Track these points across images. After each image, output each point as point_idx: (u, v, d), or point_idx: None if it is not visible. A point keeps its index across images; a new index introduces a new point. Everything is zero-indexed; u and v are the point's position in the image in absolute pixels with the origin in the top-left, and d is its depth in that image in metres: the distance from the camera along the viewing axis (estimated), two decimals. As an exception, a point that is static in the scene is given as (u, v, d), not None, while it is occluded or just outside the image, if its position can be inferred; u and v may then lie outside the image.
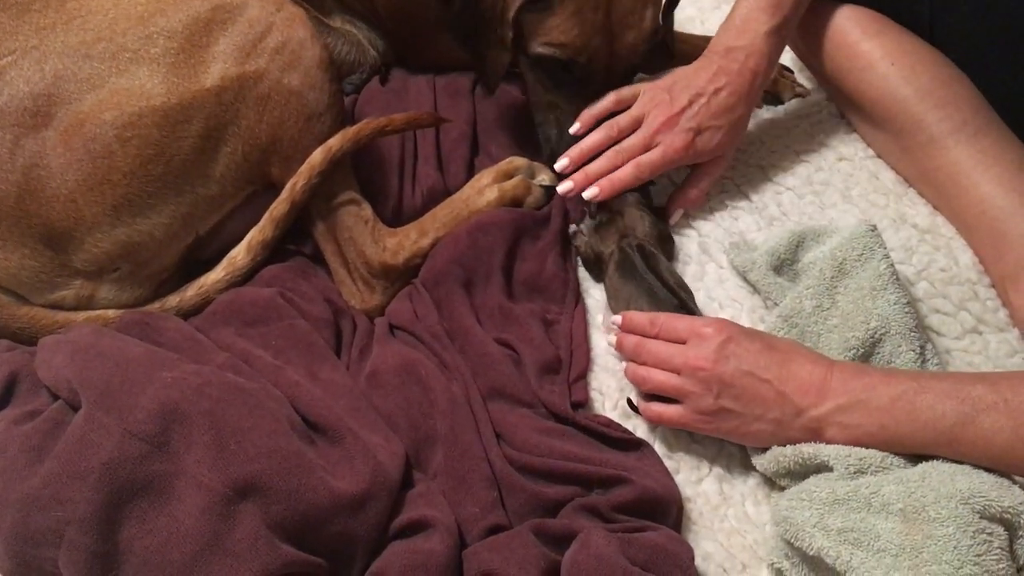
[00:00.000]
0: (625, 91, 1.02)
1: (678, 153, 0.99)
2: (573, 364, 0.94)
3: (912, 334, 0.87)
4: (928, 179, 1.04)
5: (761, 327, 0.95)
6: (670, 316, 0.90)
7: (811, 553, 0.77)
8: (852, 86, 1.08)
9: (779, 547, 0.82)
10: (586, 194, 1.00)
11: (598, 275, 1.02)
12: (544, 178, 1.06)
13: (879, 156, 1.11)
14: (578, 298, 1.00)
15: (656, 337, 0.89)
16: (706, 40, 1.17)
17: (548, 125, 1.06)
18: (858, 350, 0.87)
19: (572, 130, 1.02)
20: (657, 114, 1.00)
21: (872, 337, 0.87)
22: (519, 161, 1.06)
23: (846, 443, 0.80)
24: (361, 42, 1.15)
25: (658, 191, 1.07)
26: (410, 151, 1.08)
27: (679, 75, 1.01)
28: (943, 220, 1.04)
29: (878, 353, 0.87)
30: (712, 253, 1.04)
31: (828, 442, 0.81)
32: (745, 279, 1.01)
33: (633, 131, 1.01)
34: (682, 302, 0.93)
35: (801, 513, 0.78)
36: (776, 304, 0.95)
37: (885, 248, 0.91)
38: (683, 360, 0.85)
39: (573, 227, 1.05)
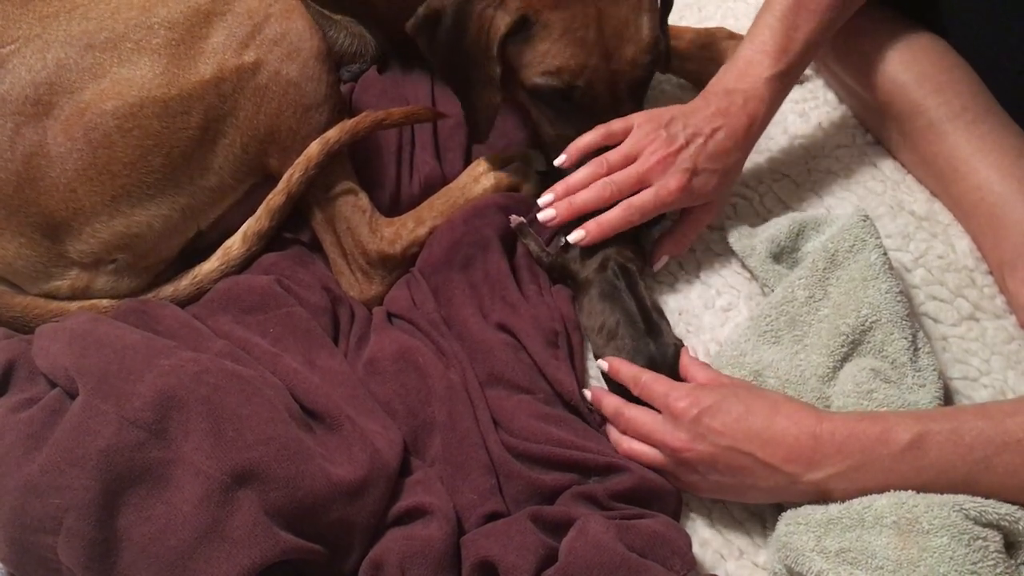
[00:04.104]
0: (616, 124, 0.95)
1: (672, 195, 0.93)
2: (572, 343, 0.94)
3: (904, 322, 0.87)
4: (926, 165, 1.04)
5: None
6: (653, 378, 0.86)
7: None
8: (851, 71, 1.08)
9: (781, 565, 0.81)
10: (571, 237, 0.94)
11: (562, 282, 0.99)
12: (541, 165, 1.06)
13: (878, 142, 1.10)
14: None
15: (639, 395, 0.86)
16: (698, 32, 1.17)
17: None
18: (848, 337, 0.87)
19: (557, 162, 0.96)
20: (653, 151, 0.93)
21: (863, 325, 0.87)
22: (515, 148, 1.06)
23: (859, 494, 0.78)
24: (363, 33, 1.15)
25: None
26: (407, 139, 1.08)
27: (676, 112, 0.95)
28: (940, 207, 1.03)
29: (868, 341, 0.87)
30: (710, 240, 1.04)
31: (836, 500, 0.79)
32: (744, 265, 1.01)
33: (624, 168, 0.94)
34: (652, 327, 0.91)
35: (799, 538, 0.78)
36: (773, 291, 0.95)
37: (878, 237, 0.91)
38: (661, 439, 0.83)
39: (515, 218, 1.00)
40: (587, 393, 0.90)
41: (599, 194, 0.94)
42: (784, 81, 0.96)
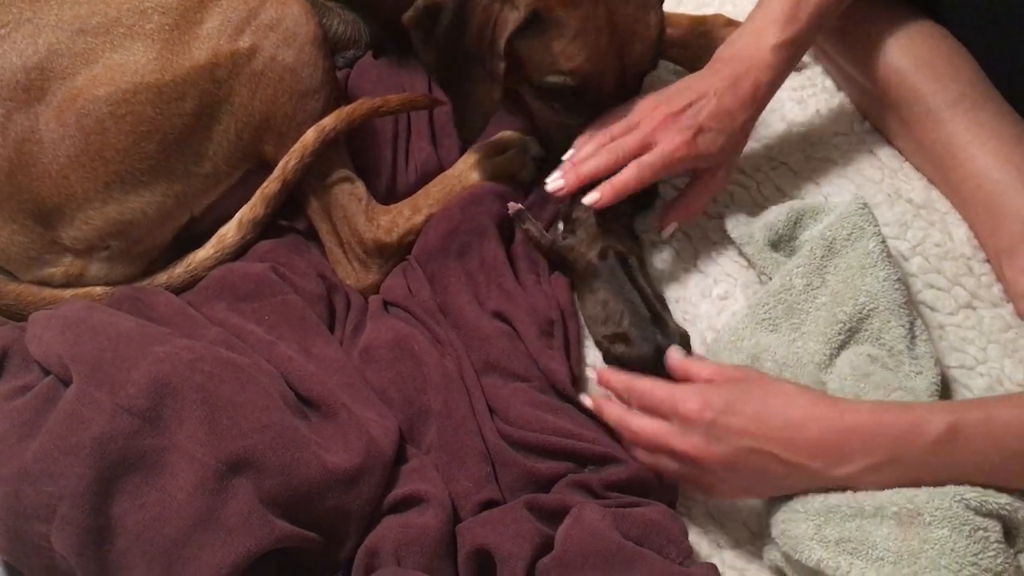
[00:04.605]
0: (618, 109, 0.96)
1: (679, 151, 0.91)
2: (568, 332, 0.94)
3: (901, 310, 0.87)
4: (924, 152, 1.03)
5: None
6: (650, 386, 0.82)
7: (811, 565, 0.76)
8: (850, 58, 1.08)
9: (778, 552, 0.81)
10: (587, 199, 0.92)
11: (561, 270, 0.99)
12: (537, 152, 1.05)
13: (876, 129, 1.10)
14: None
15: (638, 406, 0.83)
16: (696, 19, 1.16)
17: (561, 144, 0.99)
18: (845, 324, 0.87)
19: (566, 157, 0.96)
20: (655, 115, 0.93)
21: (860, 313, 0.87)
22: (512, 135, 1.05)
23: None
24: (356, 19, 1.15)
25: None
26: (403, 125, 1.08)
27: (680, 82, 0.96)
28: (938, 195, 1.03)
29: (866, 329, 0.87)
30: (707, 228, 1.04)
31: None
32: (741, 253, 1.00)
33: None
34: (657, 316, 0.91)
35: (798, 526, 0.77)
36: (771, 279, 0.95)
37: (876, 226, 0.91)
38: (674, 447, 0.79)
39: (513, 204, 1.00)
40: (586, 400, 0.88)
41: (605, 160, 0.93)
42: (791, 49, 0.94)
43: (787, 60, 0.95)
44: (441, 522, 0.80)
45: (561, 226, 1.00)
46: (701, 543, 0.85)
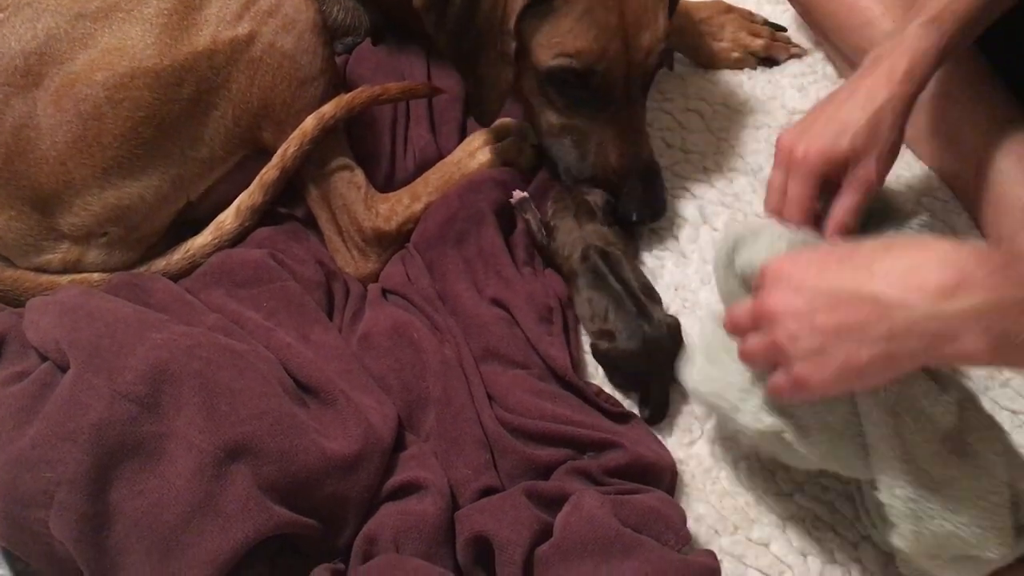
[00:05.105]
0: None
1: (801, 150, 0.84)
2: (567, 319, 0.94)
3: None
4: (926, 140, 1.03)
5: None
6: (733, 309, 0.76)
7: None
8: (852, 43, 1.07)
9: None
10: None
11: (553, 268, 0.99)
12: (536, 139, 1.05)
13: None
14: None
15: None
16: (696, 5, 1.16)
17: (566, 150, 0.98)
18: None
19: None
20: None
21: None
22: (510, 122, 1.05)
23: (990, 357, 0.60)
24: (357, 6, 1.15)
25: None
26: (402, 113, 1.08)
27: None
28: (939, 183, 1.04)
29: None
30: (707, 216, 1.04)
31: (961, 355, 0.60)
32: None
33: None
34: (642, 308, 0.90)
35: None
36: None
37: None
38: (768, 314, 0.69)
39: (517, 193, 0.99)
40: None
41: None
42: (936, 28, 0.85)
43: (933, 40, 0.85)
44: (440, 509, 0.79)
45: (544, 231, 0.99)
46: (699, 530, 0.84)
